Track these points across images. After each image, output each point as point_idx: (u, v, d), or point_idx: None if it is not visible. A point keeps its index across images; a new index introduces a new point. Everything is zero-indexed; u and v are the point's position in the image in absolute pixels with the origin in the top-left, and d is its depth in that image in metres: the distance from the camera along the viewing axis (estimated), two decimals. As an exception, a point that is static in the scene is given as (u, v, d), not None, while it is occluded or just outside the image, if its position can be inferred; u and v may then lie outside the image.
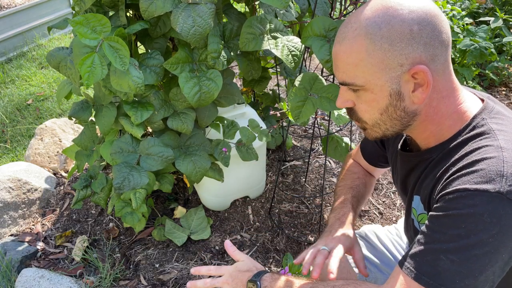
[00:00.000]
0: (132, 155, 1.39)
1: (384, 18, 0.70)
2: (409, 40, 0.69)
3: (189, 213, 1.76)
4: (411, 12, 0.69)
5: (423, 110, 0.76)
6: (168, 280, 1.55)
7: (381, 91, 0.74)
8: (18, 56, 3.78)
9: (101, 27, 1.10)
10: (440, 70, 0.73)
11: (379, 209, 1.87)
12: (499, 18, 2.86)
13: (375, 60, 0.71)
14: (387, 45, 0.70)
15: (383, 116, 0.78)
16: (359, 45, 0.72)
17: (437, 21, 0.70)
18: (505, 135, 0.71)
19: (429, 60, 0.71)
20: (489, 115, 0.75)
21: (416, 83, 0.72)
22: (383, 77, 0.72)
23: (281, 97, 2.13)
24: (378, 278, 1.13)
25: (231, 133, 1.48)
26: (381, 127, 0.81)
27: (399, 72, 0.71)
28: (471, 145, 0.73)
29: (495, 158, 0.67)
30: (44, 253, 1.70)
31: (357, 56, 0.73)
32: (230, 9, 1.43)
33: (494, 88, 2.90)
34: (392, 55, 0.70)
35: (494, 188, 0.64)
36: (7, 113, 2.87)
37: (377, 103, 0.76)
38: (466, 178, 0.68)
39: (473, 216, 0.65)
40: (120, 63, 1.12)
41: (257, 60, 1.52)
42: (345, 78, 0.77)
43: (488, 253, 0.65)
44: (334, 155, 1.66)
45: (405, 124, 0.79)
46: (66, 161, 2.19)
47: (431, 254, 0.69)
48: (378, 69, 0.72)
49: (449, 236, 0.67)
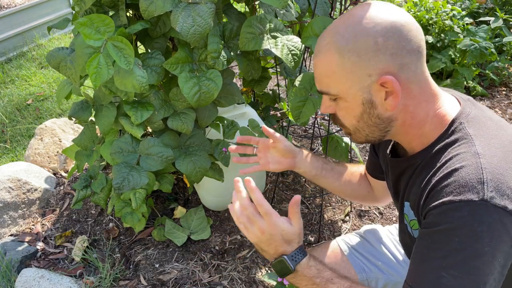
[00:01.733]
0: (132, 155, 1.39)
1: (351, 33, 0.74)
2: (375, 52, 0.72)
3: (189, 213, 1.76)
4: (376, 24, 0.72)
5: (399, 116, 0.79)
6: (168, 280, 1.55)
7: (354, 99, 0.78)
8: (18, 56, 3.78)
9: (105, 27, 1.11)
10: (412, 78, 0.75)
11: (379, 209, 1.87)
12: (499, 18, 2.86)
13: (345, 71, 0.76)
14: (355, 57, 0.74)
15: (360, 122, 0.82)
16: (330, 58, 0.76)
17: (403, 31, 0.72)
18: (482, 141, 0.72)
19: (397, 69, 0.73)
20: (466, 119, 0.76)
21: (387, 92, 0.75)
22: (354, 87, 0.77)
23: (281, 97, 2.12)
24: (379, 278, 1.13)
25: (231, 133, 1.48)
26: (361, 133, 0.84)
27: (368, 82, 0.75)
28: (450, 152, 0.74)
29: (473, 166, 0.68)
30: (44, 253, 1.70)
31: (329, 68, 0.78)
32: (230, 9, 1.43)
33: (494, 88, 2.90)
34: (360, 67, 0.74)
35: (477, 196, 0.65)
36: (7, 113, 2.87)
37: (353, 111, 0.80)
38: (449, 189, 0.69)
39: (463, 227, 0.66)
40: (125, 62, 1.12)
41: (257, 60, 1.52)
42: (322, 88, 0.82)
43: (487, 262, 0.66)
44: (334, 155, 1.66)
45: (383, 130, 0.82)
46: (66, 161, 2.19)
47: (431, 272, 0.69)
48: (349, 79, 0.76)
49: (445, 251, 0.68)
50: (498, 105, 2.69)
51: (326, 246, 1.21)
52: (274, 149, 1.11)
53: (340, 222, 1.80)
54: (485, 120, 0.77)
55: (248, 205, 0.83)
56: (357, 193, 1.19)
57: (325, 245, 1.22)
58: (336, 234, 1.74)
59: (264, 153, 1.14)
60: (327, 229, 1.76)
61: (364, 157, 2.18)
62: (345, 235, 1.26)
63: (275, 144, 1.10)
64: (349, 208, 1.85)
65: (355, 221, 1.81)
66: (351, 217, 1.83)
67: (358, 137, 0.86)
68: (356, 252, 1.17)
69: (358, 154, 1.74)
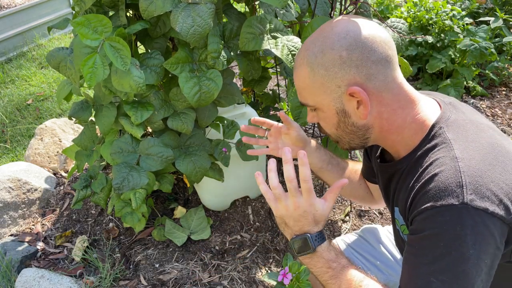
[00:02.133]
0: (132, 155, 1.39)
1: (319, 48, 0.78)
2: (340, 65, 0.77)
3: (189, 213, 1.76)
4: (340, 39, 0.76)
5: (374, 123, 0.82)
6: (168, 280, 1.55)
7: (329, 110, 0.83)
8: (18, 56, 3.78)
9: (102, 28, 1.11)
10: (382, 87, 0.78)
11: (379, 209, 1.87)
12: (499, 18, 2.86)
13: (316, 84, 0.80)
14: (323, 71, 0.78)
15: (338, 131, 0.86)
16: (303, 72, 0.82)
17: (367, 44, 0.76)
18: (460, 144, 0.73)
19: (364, 80, 0.77)
20: (445, 124, 0.78)
21: (358, 101, 0.79)
22: (327, 98, 0.81)
23: (281, 97, 2.12)
24: (378, 278, 1.13)
25: (231, 133, 1.48)
26: (342, 140, 0.89)
27: (339, 93, 0.79)
28: (430, 156, 0.75)
29: (452, 170, 0.70)
30: (44, 253, 1.70)
31: (303, 81, 0.83)
32: (230, 9, 1.43)
33: (494, 88, 2.90)
34: (329, 79, 0.79)
35: (458, 200, 0.66)
36: (7, 113, 2.87)
37: (330, 120, 0.85)
38: (430, 194, 0.70)
39: (447, 232, 0.67)
40: (122, 63, 1.12)
41: (257, 60, 1.52)
42: (301, 99, 0.88)
43: (473, 265, 0.66)
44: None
45: (362, 137, 0.85)
46: (66, 161, 2.19)
47: (420, 279, 0.70)
48: (321, 91, 0.81)
49: (431, 257, 0.69)
50: (498, 105, 2.69)
51: (326, 246, 1.21)
52: (287, 135, 1.10)
53: (340, 222, 1.80)
54: (465, 124, 0.78)
55: (294, 178, 0.81)
56: (357, 193, 1.19)
57: (325, 245, 1.22)
58: (336, 234, 1.74)
59: (275, 138, 1.12)
60: (327, 229, 1.76)
61: (364, 157, 2.18)
62: (344, 235, 1.26)
63: (289, 131, 1.09)
64: (349, 208, 1.85)
65: (355, 221, 1.81)
66: (351, 217, 1.83)
67: (343, 144, 0.91)
68: (355, 252, 1.17)
69: (358, 154, 1.74)
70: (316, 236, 0.82)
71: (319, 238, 0.82)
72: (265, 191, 0.84)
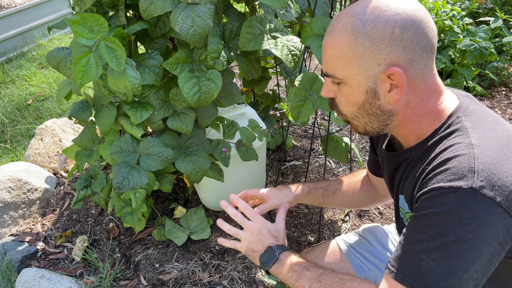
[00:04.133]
0: (132, 155, 1.39)
1: (370, 17, 0.72)
2: (389, 41, 0.71)
3: (189, 213, 1.76)
4: (396, 14, 0.71)
5: (400, 110, 0.79)
6: (168, 280, 1.55)
7: (358, 87, 0.77)
8: (18, 56, 3.78)
9: (99, 27, 1.10)
10: (419, 75, 0.75)
11: (379, 209, 1.87)
12: (499, 18, 2.86)
13: (355, 56, 0.74)
14: (368, 43, 0.72)
15: (361, 110, 0.81)
16: (343, 39, 0.75)
17: (421, 27, 0.72)
18: (477, 132, 0.72)
19: (406, 63, 0.73)
20: (463, 113, 0.77)
21: (392, 84, 0.75)
22: (361, 74, 0.75)
23: (281, 97, 2.13)
24: (378, 277, 1.13)
25: (231, 133, 1.48)
26: (360, 121, 0.84)
27: (376, 71, 0.74)
28: (445, 143, 0.74)
29: (466, 155, 0.69)
30: (44, 253, 1.70)
31: (340, 50, 0.76)
32: (230, 9, 1.43)
33: (494, 88, 2.90)
34: (371, 54, 0.73)
35: (466, 184, 0.65)
36: (7, 113, 2.87)
37: (354, 98, 0.80)
38: (440, 177, 0.69)
39: (449, 213, 0.66)
40: (116, 63, 1.12)
41: (257, 60, 1.52)
42: (327, 70, 0.80)
43: (468, 250, 0.65)
44: (334, 155, 1.66)
45: (383, 123, 0.81)
46: (66, 161, 2.19)
47: (413, 255, 0.70)
48: (357, 65, 0.75)
49: (428, 235, 0.68)
50: (498, 105, 2.69)
51: (326, 246, 1.21)
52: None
53: (340, 222, 1.81)
54: (483, 114, 0.77)
55: (237, 212, 0.98)
56: (364, 202, 1.21)
57: (324, 244, 1.23)
58: (336, 234, 1.74)
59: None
60: (327, 229, 1.76)
61: (364, 157, 2.18)
62: (344, 235, 1.26)
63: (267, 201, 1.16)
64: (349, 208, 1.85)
65: (355, 221, 1.81)
66: (351, 217, 1.83)
67: (357, 125, 0.86)
68: (355, 251, 1.17)
69: (358, 154, 1.74)
70: (277, 246, 0.94)
71: (281, 247, 0.94)
72: (222, 241, 1.00)
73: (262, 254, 0.94)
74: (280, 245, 0.94)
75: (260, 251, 0.95)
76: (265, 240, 0.95)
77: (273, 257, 0.92)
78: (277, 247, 0.93)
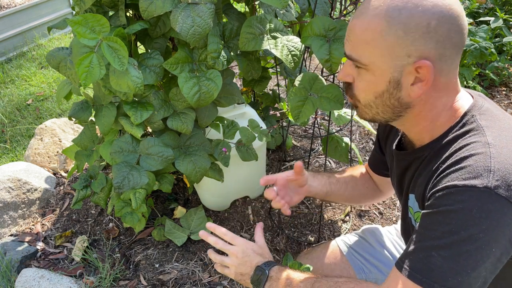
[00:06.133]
0: (132, 155, 1.39)
1: (407, 5, 0.69)
2: (423, 33, 0.69)
3: (189, 213, 1.76)
4: (435, 6, 0.68)
5: (417, 105, 0.77)
6: (168, 280, 1.55)
7: (382, 75, 0.74)
8: (18, 56, 3.78)
9: (100, 27, 1.10)
10: (445, 71, 0.73)
11: (379, 209, 1.87)
12: (499, 18, 2.86)
13: (386, 43, 0.71)
14: (401, 32, 0.69)
15: (378, 100, 0.78)
16: (376, 24, 0.71)
17: (457, 23, 0.70)
18: (493, 132, 0.72)
19: (436, 58, 0.71)
20: (478, 112, 0.76)
21: (417, 77, 0.72)
22: (388, 63, 0.73)
23: (281, 97, 2.12)
24: (378, 279, 1.13)
25: (231, 133, 1.48)
26: (372, 110, 0.81)
27: (404, 62, 0.72)
28: (460, 142, 0.73)
29: (482, 154, 0.68)
30: (44, 253, 1.70)
31: (370, 34, 0.72)
32: (230, 9, 1.43)
33: (494, 88, 2.89)
34: (403, 43, 0.70)
35: (482, 183, 0.65)
36: (7, 113, 2.87)
37: (375, 86, 0.77)
38: (455, 175, 0.68)
39: (462, 211, 0.65)
40: (119, 63, 1.12)
41: (257, 60, 1.52)
42: (352, 53, 0.77)
43: (479, 249, 0.65)
44: (334, 155, 1.66)
45: (397, 114, 0.79)
46: (66, 161, 2.19)
47: (423, 251, 0.70)
48: (387, 53, 0.72)
49: (440, 232, 0.68)
50: (498, 105, 2.69)
51: (326, 247, 1.21)
52: (294, 181, 1.07)
53: (340, 222, 1.80)
54: (497, 113, 0.77)
55: (217, 240, 0.97)
56: (366, 196, 1.20)
57: (324, 245, 1.22)
58: (336, 234, 1.74)
59: (284, 190, 1.08)
60: (327, 229, 1.76)
61: (364, 158, 2.18)
62: (344, 235, 1.26)
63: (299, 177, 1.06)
64: (349, 208, 1.85)
65: (355, 221, 1.81)
66: (351, 217, 1.83)
67: (365, 113, 0.83)
68: (355, 253, 1.17)
69: (358, 154, 1.74)
70: (265, 263, 0.92)
71: (269, 264, 0.92)
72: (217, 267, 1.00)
73: (252, 276, 0.92)
74: (267, 262, 0.92)
75: (249, 272, 0.93)
76: (252, 261, 0.93)
77: (264, 276, 0.90)
78: (265, 265, 0.91)
